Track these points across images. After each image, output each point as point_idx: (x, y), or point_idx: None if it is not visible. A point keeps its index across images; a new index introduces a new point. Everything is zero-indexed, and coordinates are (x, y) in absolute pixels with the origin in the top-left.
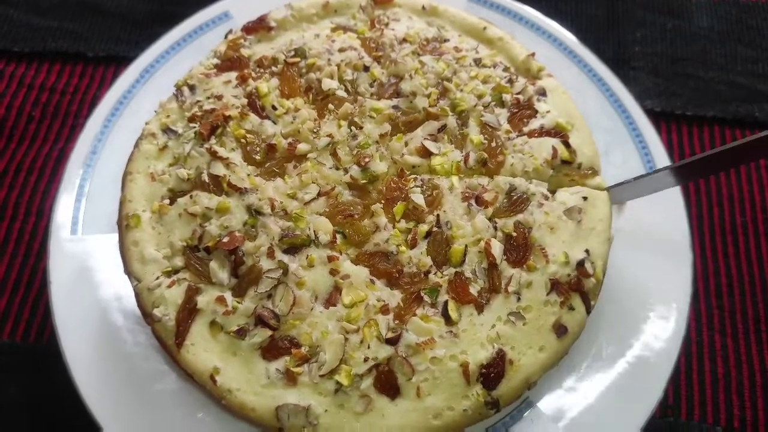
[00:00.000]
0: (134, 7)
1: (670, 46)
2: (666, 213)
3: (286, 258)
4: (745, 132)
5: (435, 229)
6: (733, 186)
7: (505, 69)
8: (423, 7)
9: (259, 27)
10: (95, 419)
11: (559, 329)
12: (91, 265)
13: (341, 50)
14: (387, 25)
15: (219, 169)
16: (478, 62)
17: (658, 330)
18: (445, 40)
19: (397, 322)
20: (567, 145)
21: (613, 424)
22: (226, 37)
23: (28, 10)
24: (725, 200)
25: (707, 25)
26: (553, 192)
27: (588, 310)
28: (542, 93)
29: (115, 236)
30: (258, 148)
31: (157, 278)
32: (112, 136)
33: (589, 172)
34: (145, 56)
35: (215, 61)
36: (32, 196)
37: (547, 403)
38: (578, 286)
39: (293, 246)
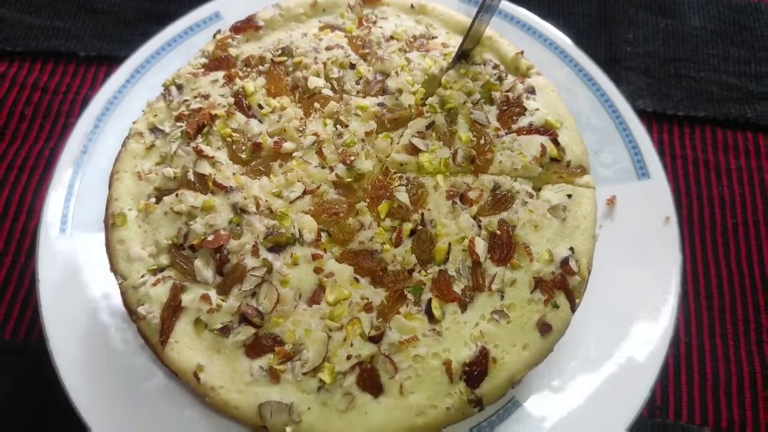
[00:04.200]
0: (126, 6)
1: (663, 46)
2: (656, 214)
3: (270, 256)
4: (737, 133)
5: (419, 227)
6: (724, 188)
7: (495, 66)
8: (411, 6)
9: (247, 26)
10: (83, 419)
11: (543, 327)
12: (79, 263)
13: (328, 48)
14: (375, 23)
15: (205, 168)
16: (467, 58)
17: (647, 330)
18: (433, 37)
19: (380, 320)
20: (556, 142)
21: (601, 425)
22: (214, 36)
23: (21, 9)
24: (716, 202)
25: (700, 25)
26: (538, 190)
27: (573, 308)
28: (531, 91)
29: (104, 235)
30: (244, 147)
31: (143, 276)
32: (102, 136)
33: (578, 170)
34: (136, 56)
35: (203, 60)
36: (23, 194)
37: (534, 403)
38: (563, 284)
39: (278, 244)
